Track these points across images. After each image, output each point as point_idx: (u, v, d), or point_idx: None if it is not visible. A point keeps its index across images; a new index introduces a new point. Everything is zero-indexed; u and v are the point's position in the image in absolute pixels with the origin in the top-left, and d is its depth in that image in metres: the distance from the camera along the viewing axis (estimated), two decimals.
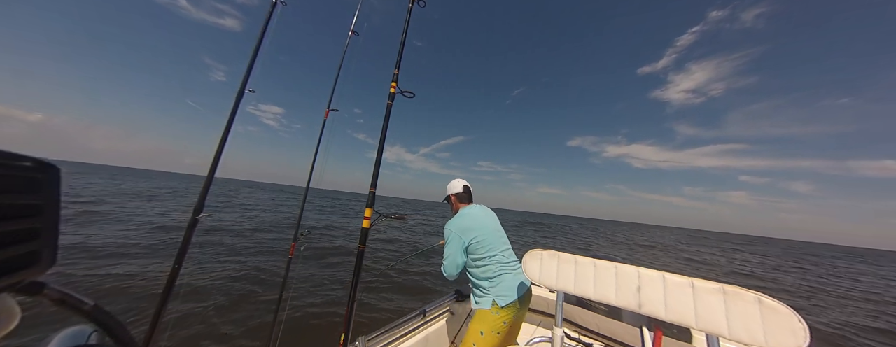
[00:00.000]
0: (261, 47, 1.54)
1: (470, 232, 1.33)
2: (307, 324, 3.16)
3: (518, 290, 1.27)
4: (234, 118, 1.42)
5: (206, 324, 2.94)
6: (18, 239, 0.08)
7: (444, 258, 1.35)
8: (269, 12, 1.61)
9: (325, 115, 2.38)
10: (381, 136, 1.34)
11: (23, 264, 0.08)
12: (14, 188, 0.08)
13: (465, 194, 1.56)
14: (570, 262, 0.95)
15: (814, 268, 15.54)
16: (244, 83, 1.46)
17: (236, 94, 1.45)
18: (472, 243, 1.31)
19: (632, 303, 0.78)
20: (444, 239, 1.45)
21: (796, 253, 27.91)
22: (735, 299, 0.64)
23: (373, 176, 1.28)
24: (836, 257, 28.63)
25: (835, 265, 18.65)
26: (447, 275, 1.36)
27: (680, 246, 20.33)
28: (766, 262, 15.98)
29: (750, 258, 17.62)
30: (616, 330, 1.59)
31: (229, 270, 4.55)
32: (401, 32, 1.52)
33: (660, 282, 0.75)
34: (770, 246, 38.73)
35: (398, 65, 1.45)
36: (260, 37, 1.54)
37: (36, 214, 0.08)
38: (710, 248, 22.24)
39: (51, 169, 0.09)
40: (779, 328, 0.57)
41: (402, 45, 1.54)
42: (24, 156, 0.09)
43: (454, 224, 1.37)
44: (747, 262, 15.22)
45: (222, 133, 1.38)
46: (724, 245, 29.81)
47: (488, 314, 1.22)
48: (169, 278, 1.20)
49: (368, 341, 1.33)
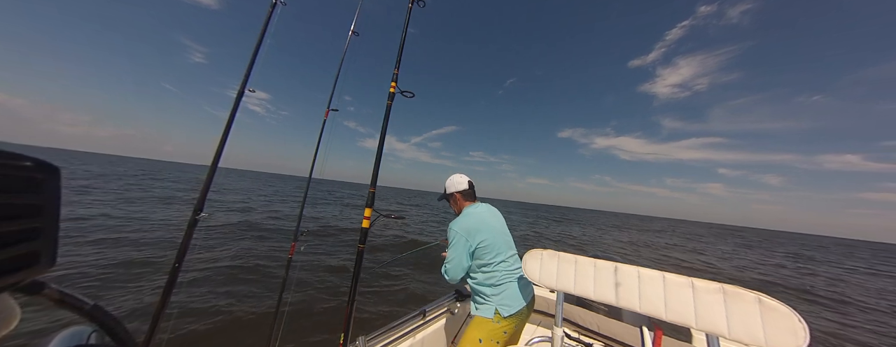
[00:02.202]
0: (261, 47, 1.53)
1: (477, 235, 1.22)
2: (307, 324, 3.16)
3: (524, 299, 1.21)
4: (234, 117, 1.42)
5: (206, 324, 2.93)
6: (18, 239, 0.08)
7: (447, 261, 1.25)
8: (269, 12, 1.60)
9: (325, 115, 2.38)
10: (380, 137, 1.34)
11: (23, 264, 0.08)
12: (14, 188, 0.08)
13: (471, 191, 1.43)
14: (570, 262, 0.95)
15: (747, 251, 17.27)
16: (244, 82, 1.46)
17: (236, 94, 1.44)
18: (479, 247, 1.21)
19: (632, 303, 0.78)
20: (445, 238, 1.38)
21: (751, 241, 30.51)
22: (735, 299, 0.64)
23: (373, 176, 1.28)
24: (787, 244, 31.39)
25: (774, 251, 19.97)
26: (449, 279, 1.27)
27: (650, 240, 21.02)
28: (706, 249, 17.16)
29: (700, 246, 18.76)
30: (616, 330, 1.59)
31: (229, 269, 4.56)
32: (398, 31, 1.51)
33: (660, 282, 0.75)
34: (732, 235, 41.62)
35: (398, 65, 1.45)
36: (260, 37, 1.54)
37: (36, 214, 0.08)
38: (676, 237, 23.64)
39: (51, 169, 0.09)
40: (779, 328, 0.57)
41: (402, 45, 1.53)
42: (24, 156, 0.09)
43: (459, 224, 1.26)
44: (689, 249, 16.48)
45: (222, 133, 1.38)
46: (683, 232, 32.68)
47: (489, 322, 1.15)
48: (169, 278, 1.20)
49: (368, 341, 1.33)
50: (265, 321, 3.08)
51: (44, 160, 0.09)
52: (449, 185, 1.45)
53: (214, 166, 1.33)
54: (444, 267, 1.29)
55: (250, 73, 1.48)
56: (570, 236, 16.13)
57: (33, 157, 0.09)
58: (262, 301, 3.58)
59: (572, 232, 18.11)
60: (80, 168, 28.51)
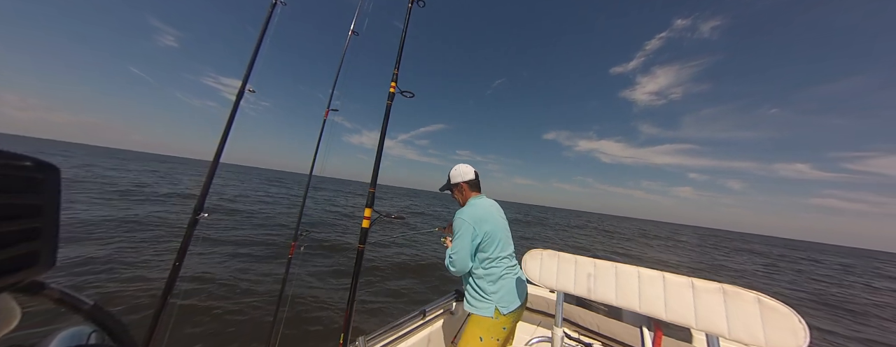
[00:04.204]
0: (261, 47, 1.53)
1: (484, 225, 1.19)
2: (307, 324, 3.16)
3: (519, 295, 1.21)
4: (234, 118, 1.42)
5: (206, 324, 2.94)
6: (18, 239, 0.08)
7: (454, 251, 1.19)
8: (269, 12, 1.60)
9: (325, 115, 2.38)
10: (380, 137, 1.34)
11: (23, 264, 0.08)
12: (14, 188, 0.08)
13: (477, 182, 1.40)
14: (570, 262, 0.95)
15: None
16: (244, 82, 1.46)
17: (236, 94, 1.44)
18: (484, 238, 1.19)
19: (632, 303, 0.78)
20: (441, 226, 1.39)
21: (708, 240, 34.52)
22: (735, 299, 0.64)
23: (372, 176, 1.28)
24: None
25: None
26: (455, 270, 1.20)
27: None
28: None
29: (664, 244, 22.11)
30: (616, 330, 1.59)
31: (229, 269, 4.55)
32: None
33: (660, 282, 0.75)
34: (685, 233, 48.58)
35: (398, 65, 1.45)
36: (260, 37, 1.54)
37: (36, 214, 0.08)
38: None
39: (51, 169, 0.09)
40: (779, 327, 0.57)
41: (402, 45, 1.53)
42: (24, 156, 0.09)
43: (467, 213, 1.22)
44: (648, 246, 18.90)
45: (222, 133, 1.38)
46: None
47: (489, 320, 1.15)
48: (169, 278, 1.20)
49: (368, 341, 1.33)
50: (265, 320, 3.08)
51: (44, 160, 0.09)
52: (455, 175, 1.40)
53: (215, 165, 1.33)
54: (448, 257, 1.23)
55: (250, 73, 1.48)
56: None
57: (33, 157, 0.09)
58: (262, 300, 3.58)
59: (525, 234, 17.52)
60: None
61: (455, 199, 1.46)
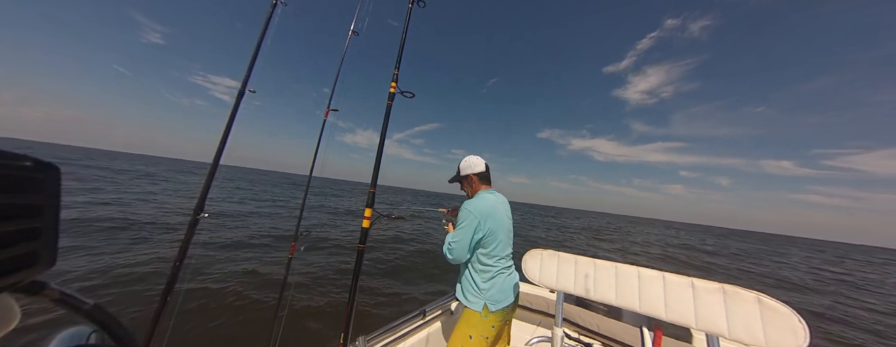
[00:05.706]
0: (261, 48, 1.53)
1: (489, 220, 1.17)
2: (307, 324, 3.17)
3: (510, 295, 1.21)
4: (234, 119, 1.42)
5: (206, 324, 2.94)
6: (18, 238, 0.08)
7: (454, 240, 1.18)
8: (269, 12, 1.60)
9: (326, 115, 2.38)
10: (380, 138, 1.33)
11: (23, 264, 0.08)
12: (14, 188, 0.08)
13: (487, 175, 1.35)
14: (570, 262, 0.95)
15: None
16: (245, 83, 1.46)
17: (236, 95, 1.45)
18: (487, 234, 1.17)
19: (632, 303, 0.78)
20: (446, 208, 1.37)
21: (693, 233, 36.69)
22: (735, 299, 0.64)
23: (372, 176, 1.28)
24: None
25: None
26: (452, 259, 1.19)
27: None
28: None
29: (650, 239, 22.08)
30: (616, 330, 1.59)
31: (229, 268, 4.56)
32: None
33: (660, 282, 0.75)
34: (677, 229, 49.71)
35: (398, 65, 1.45)
36: (260, 37, 1.54)
37: (36, 214, 0.08)
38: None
39: (51, 169, 0.09)
40: (779, 327, 0.57)
41: (402, 45, 1.53)
42: (24, 156, 0.09)
43: (474, 205, 1.20)
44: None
45: (222, 133, 1.38)
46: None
47: (477, 317, 1.15)
48: (169, 278, 1.20)
49: (368, 340, 1.33)
50: (265, 320, 3.08)
51: (44, 160, 0.09)
52: (464, 167, 1.36)
53: (215, 166, 1.33)
54: (447, 245, 1.21)
55: (251, 74, 1.48)
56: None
57: (33, 157, 0.09)
58: (262, 300, 3.58)
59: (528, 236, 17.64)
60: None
61: (463, 191, 1.43)
